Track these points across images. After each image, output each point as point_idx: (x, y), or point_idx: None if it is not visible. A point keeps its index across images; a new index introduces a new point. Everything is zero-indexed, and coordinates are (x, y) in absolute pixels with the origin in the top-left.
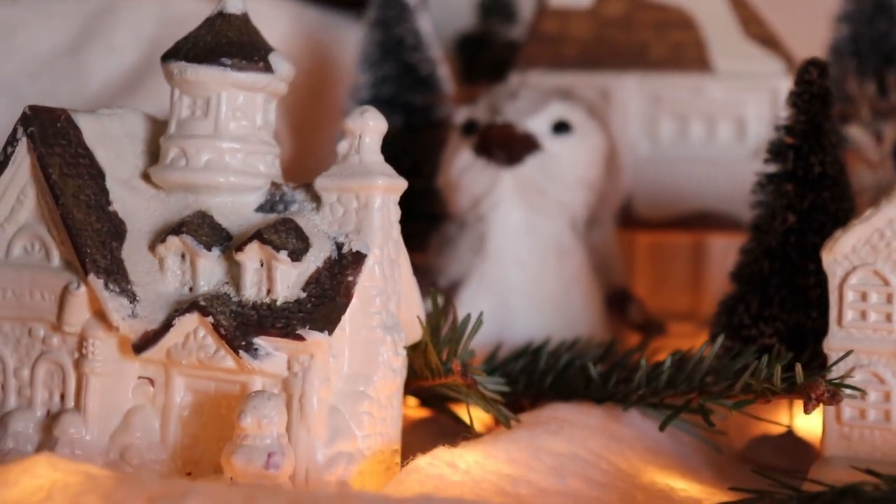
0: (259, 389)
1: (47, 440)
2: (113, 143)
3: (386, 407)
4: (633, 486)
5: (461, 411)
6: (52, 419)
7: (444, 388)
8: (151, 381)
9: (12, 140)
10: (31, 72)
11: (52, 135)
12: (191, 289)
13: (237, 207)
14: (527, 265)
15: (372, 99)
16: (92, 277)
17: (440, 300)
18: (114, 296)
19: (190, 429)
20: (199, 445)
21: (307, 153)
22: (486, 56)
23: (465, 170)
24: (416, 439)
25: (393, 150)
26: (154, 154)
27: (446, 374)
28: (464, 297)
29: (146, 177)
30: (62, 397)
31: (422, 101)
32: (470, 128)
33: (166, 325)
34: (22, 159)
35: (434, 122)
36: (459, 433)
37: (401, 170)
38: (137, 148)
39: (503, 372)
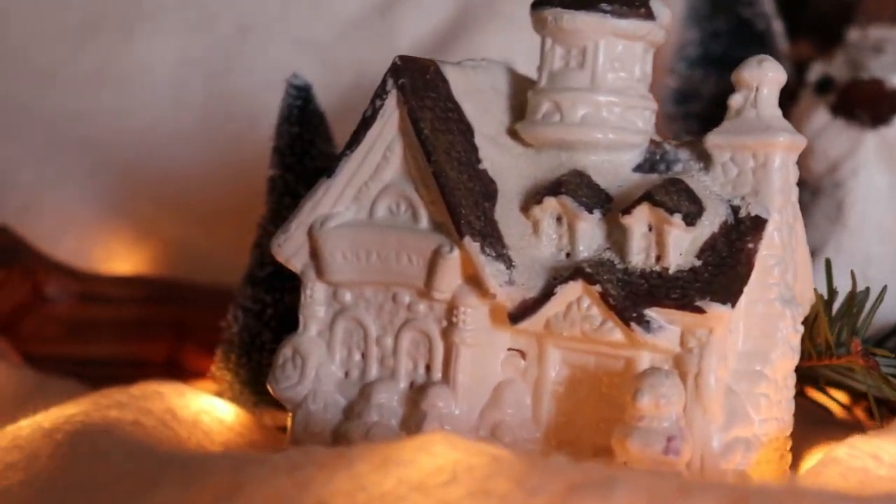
0: (652, 367)
1: (413, 414)
2: (479, 97)
3: (782, 388)
4: None
5: (815, 395)
6: (416, 391)
7: (829, 370)
8: (522, 354)
9: (381, 92)
10: (338, 32)
11: (421, 87)
12: (568, 254)
13: (614, 166)
14: (890, 236)
15: (701, 56)
16: (467, 240)
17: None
18: (490, 260)
19: (565, 406)
20: (575, 424)
21: None
22: (809, 11)
23: (820, 131)
24: None
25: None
26: (517, 109)
27: (840, 355)
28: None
29: (512, 133)
30: (427, 368)
31: None
32: (825, 85)
33: (547, 294)
34: (391, 113)
35: None
36: (825, 419)
37: None
38: (502, 103)
39: None
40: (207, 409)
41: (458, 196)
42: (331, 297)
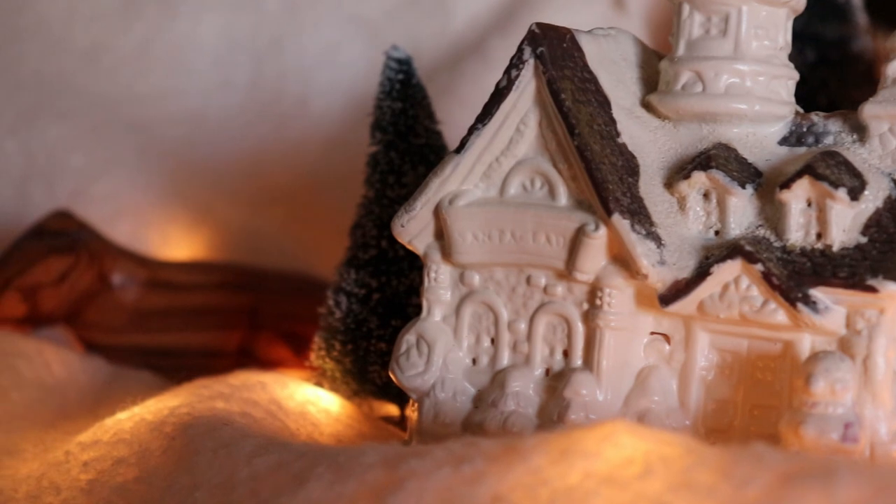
0: (824, 350)
1: (553, 402)
2: (612, 68)
3: None
4: None
5: None
6: (554, 378)
7: None
8: (667, 338)
9: (517, 62)
10: (390, 9)
11: (559, 56)
12: (717, 232)
13: (759, 139)
14: None
15: None
16: (617, 218)
17: None
18: (641, 239)
19: (715, 393)
20: (727, 412)
21: None
22: None
23: None
24: None
25: (808, 87)
26: (647, 81)
27: None
28: None
29: (646, 105)
30: (565, 354)
31: (835, 34)
32: None
33: (701, 274)
34: (526, 84)
35: (851, 57)
36: None
37: (817, 110)
38: (633, 73)
39: None
40: (312, 400)
41: (603, 171)
42: (457, 279)
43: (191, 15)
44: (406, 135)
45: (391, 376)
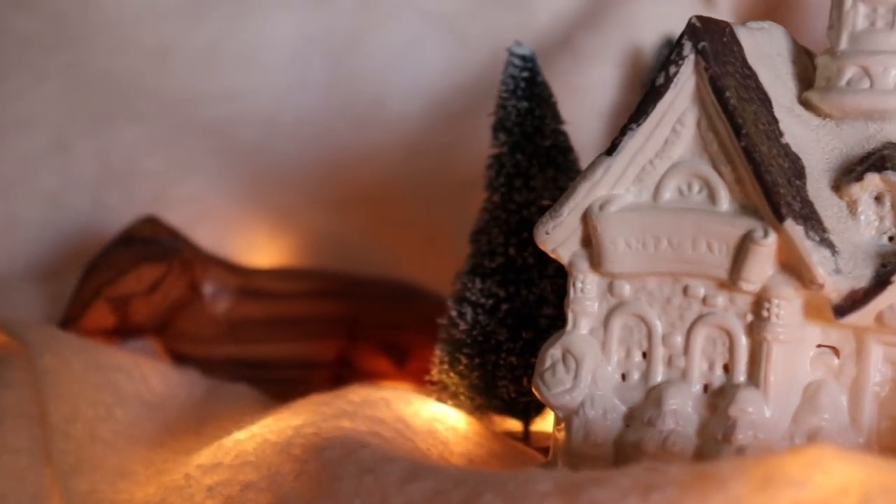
0: None
1: (715, 420)
2: (769, 63)
3: None
4: None
5: None
6: (715, 395)
7: None
8: (835, 351)
9: (677, 58)
10: (468, 4)
11: (721, 51)
12: (891, 238)
13: None
14: None
15: None
16: (789, 223)
17: None
18: (815, 246)
19: (890, 409)
20: None
21: None
22: None
23: None
24: None
25: None
26: (801, 77)
27: None
28: None
29: (804, 103)
30: (726, 369)
31: None
32: None
33: (881, 283)
34: (685, 80)
35: None
36: None
37: None
38: (788, 69)
39: None
40: (439, 417)
41: (773, 174)
42: (605, 290)
43: (262, 13)
44: (533, 136)
45: (535, 393)
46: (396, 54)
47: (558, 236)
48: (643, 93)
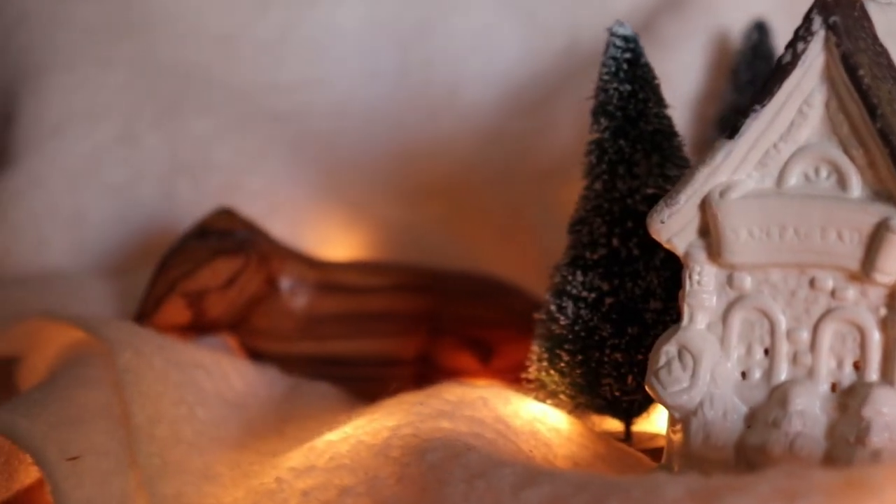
0: None
1: (846, 422)
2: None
3: None
4: None
5: None
6: (845, 395)
7: None
8: None
9: (804, 34)
10: None
11: (852, 26)
12: None
13: None
14: None
15: None
16: None
17: None
18: None
19: None
20: None
21: None
22: None
23: None
24: None
25: None
26: None
27: None
28: None
29: None
30: (856, 366)
31: None
32: None
33: None
34: (814, 58)
35: None
36: None
37: None
38: None
39: None
40: (539, 417)
41: None
42: (724, 282)
43: (330, 0)
44: (636, 120)
45: (650, 392)
46: (470, 40)
47: (674, 225)
48: (769, 72)
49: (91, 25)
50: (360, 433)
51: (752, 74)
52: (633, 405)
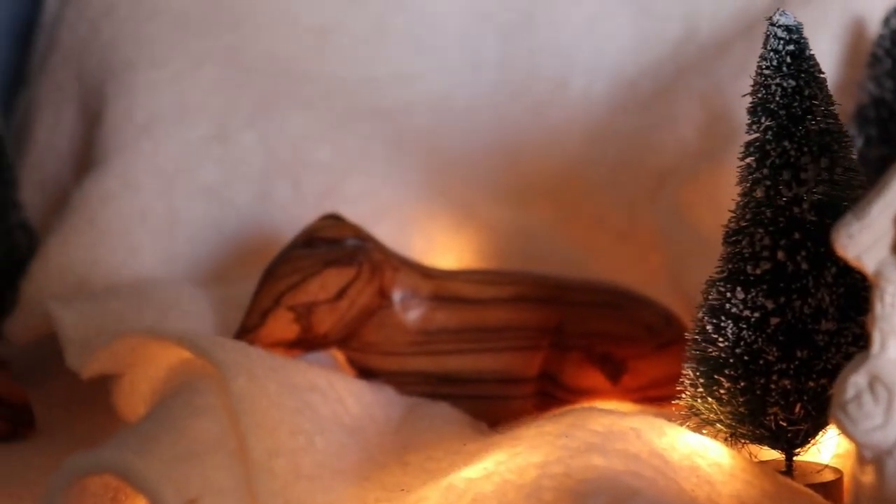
0: None
1: None
2: None
3: None
4: None
5: None
6: None
7: None
8: None
9: None
10: None
11: None
12: None
13: None
14: None
15: None
16: None
17: None
18: None
19: None
20: None
21: None
22: None
23: None
24: None
25: None
26: None
27: None
28: None
29: None
30: None
31: None
32: None
33: None
34: None
35: None
36: None
37: None
38: None
39: None
40: (699, 451)
41: None
42: None
43: None
44: (802, 119)
45: (837, 428)
46: (579, 29)
47: (864, 240)
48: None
49: (180, 18)
50: (504, 470)
51: (892, 63)
52: (797, 435)
